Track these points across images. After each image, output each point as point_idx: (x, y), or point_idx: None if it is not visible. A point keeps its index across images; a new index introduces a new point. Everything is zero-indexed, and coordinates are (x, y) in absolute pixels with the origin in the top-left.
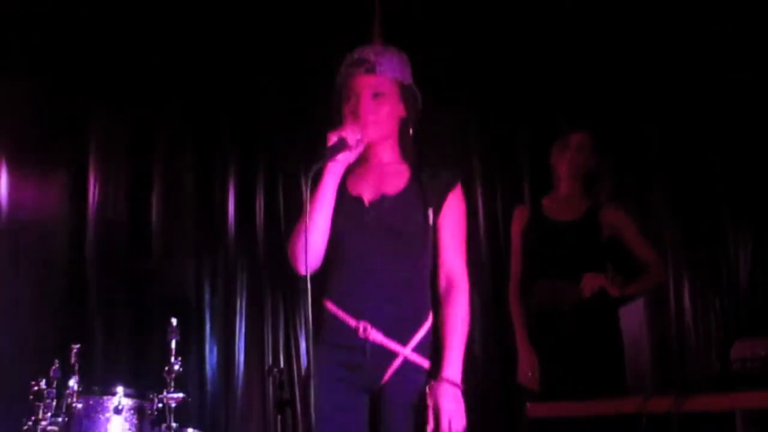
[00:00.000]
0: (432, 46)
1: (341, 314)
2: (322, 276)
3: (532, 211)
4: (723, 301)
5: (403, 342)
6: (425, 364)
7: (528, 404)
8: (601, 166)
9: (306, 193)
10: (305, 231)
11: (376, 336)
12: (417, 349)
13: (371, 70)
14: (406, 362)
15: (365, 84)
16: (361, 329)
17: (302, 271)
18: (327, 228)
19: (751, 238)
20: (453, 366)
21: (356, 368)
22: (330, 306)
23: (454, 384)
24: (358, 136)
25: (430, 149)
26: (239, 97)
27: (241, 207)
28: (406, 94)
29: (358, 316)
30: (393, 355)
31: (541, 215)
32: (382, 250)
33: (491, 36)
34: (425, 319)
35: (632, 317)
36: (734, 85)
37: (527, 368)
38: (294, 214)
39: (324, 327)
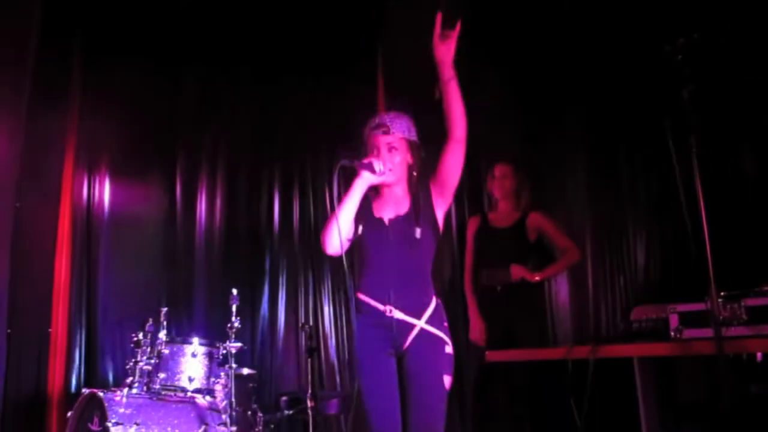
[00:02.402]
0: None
1: (372, 302)
2: (354, 275)
3: (481, 221)
4: (625, 278)
5: (418, 317)
6: (436, 332)
7: (487, 352)
8: (523, 185)
9: (335, 181)
10: (336, 216)
11: (399, 315)
12: (429, 321)
13: (387, 131)
14: (422, 331)
15: (383, 141)
16: (387, 311)
17: (329, 252)
18: (351, 222)
19: (645, 232)
20: None
21: (387, 338)
22: (362, 297)
23: None
24: (381, 168)
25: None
26: (281, 134)
27: (282, 212)
28: (412, 147)
29: (384, 302)
30: (412, 326)
31: (487, 224)
32: (398, 254)
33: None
34: (431, 300)
35: (560, 290)
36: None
37: (476, 329)
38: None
39: (360, 311)
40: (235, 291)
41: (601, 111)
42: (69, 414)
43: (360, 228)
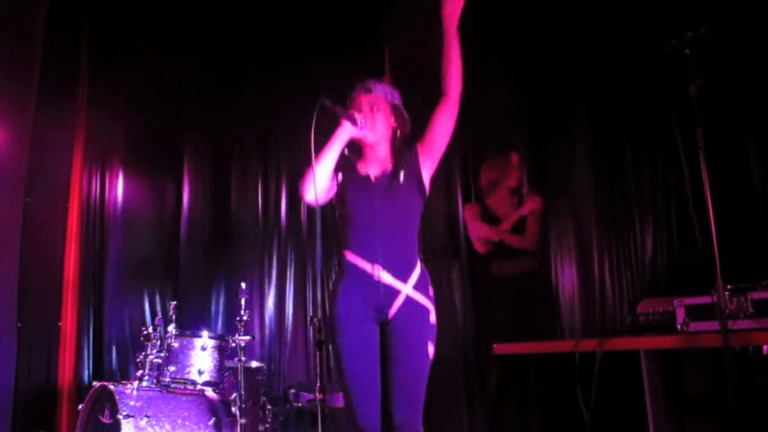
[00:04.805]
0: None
1: (360, 261)
2: (342, 234)
3: (481, 210)
4: (632, 272)
5: (405, 279)
6: (423, 300)
7: (494, 345)
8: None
9: (314, 118)
10: (314, 165)
11: (386, 277)
12: (415, 287)
13: (369, 90)
14: (409, 299)
15: (365, 100)
16: (375, 273)
17: (306, 199)
18: (330, 173)
19: (652, 226)
20: None
21: (371, 305)
22: (350, 256)
23: None
24: (363, 122)
25: None
26: (288, 127)
27: (290, 207)
28: (395, 111)
29: (372, 260)
30: (398, 292)
31: (489, 212)
32: (385, 210)
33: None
34: (416, 261)
35: (567, 283)
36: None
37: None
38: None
39: (347, 275)
40: (243, 284)
41: (607, 104)
42: (80, 407)
43: (342, 180)
